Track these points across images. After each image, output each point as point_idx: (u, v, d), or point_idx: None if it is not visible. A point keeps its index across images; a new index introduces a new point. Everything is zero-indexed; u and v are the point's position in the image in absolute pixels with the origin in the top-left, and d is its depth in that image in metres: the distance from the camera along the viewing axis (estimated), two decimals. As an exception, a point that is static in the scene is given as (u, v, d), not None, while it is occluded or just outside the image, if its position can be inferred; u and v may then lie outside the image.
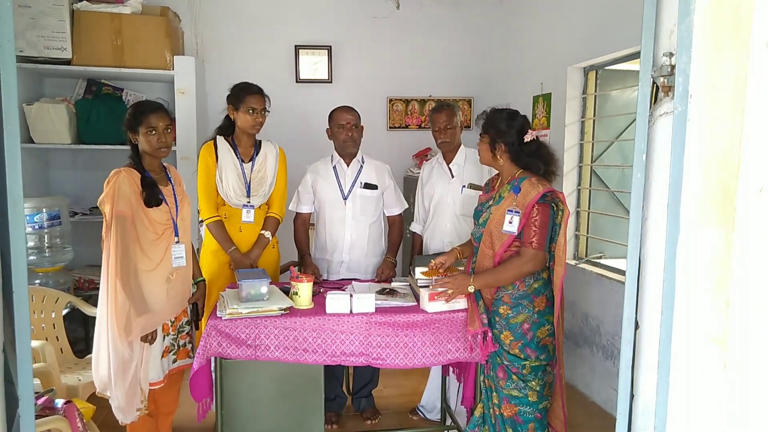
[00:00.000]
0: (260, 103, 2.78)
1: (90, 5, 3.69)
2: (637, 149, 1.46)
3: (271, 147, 2.96)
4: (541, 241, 2.21)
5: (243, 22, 4.39)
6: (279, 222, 2.96)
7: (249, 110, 2.75)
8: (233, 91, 2.82)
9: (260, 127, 2.82)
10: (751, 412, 1.22)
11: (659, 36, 1.42)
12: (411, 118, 4.74)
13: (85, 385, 2.64)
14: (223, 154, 2.83)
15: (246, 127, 2.79)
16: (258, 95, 2.79)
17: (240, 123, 2.80)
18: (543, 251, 2.24)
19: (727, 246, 1.22)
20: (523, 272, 2.23)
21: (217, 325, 2.24)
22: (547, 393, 2.32)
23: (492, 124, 2.33)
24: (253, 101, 2.76)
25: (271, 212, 2.94)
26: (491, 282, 2.29)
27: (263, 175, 2.89)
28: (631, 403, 1.53)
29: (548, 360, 2.30)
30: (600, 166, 3.74)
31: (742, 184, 1.18)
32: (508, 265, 2.24)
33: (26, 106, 3.69)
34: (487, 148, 2.35)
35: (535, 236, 2.21)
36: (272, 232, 2.91)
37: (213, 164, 2.81)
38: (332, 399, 3.09)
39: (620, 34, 3.18)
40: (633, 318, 1.50)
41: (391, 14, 4.58)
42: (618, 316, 3.22)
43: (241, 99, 2.76)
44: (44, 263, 3.53)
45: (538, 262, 2.23)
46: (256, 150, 2.91)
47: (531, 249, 2.21)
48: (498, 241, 2.27)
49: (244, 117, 2.77)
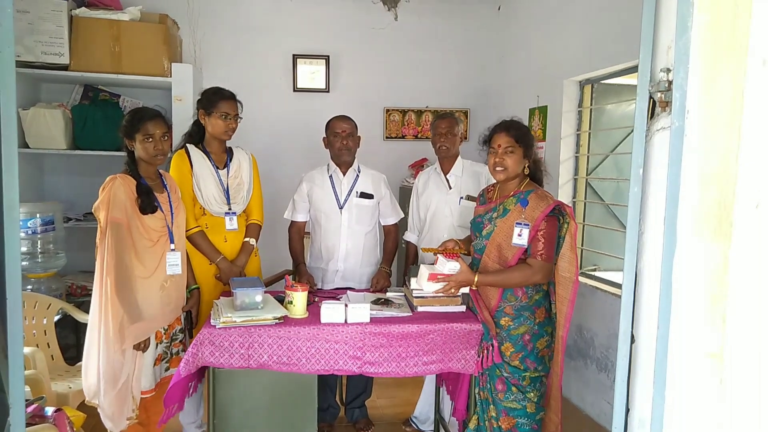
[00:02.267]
0: (233, 109, 2.73)
1: (88, 11, 3.69)
2: (635, 164, 1.47)
3: (243, 153, 2.92)
4: (549, 254, 2.24)
5: (241, 30, 4.40)
6: (260, 228, 2.95)
7: (222, 116, 2.70)
8: (205, 95, 2.75)
9: (232, 133, 2.77)
10: (747, 428, 1.22)
11: (657, 51, 1.43)
12: (407, 129, 4.76)
13: (76, 392, 2.61)
14: (197, 162, 2.75)
15: (218, 133, 2.73)
16: (231, 100, 2.74)
17: (211, 129, 2.73)
18: (551, 263, 2.26)
19: (724, 260, 1.22)
20: (529, 281, 2.25)
21: (210, 334, 2.23)
22: (542, 404, 2.33)
23: (526, 137, 2.32)
24: (225, 106, 2.70)
25: (253, 219, 2.91)
26: (497, 282, 2.29)
27: (240, 182, 2.85)
28: (627, 417, 1.52)
29: (546, 371, 2.32)
30: (595, 179, 3.76)
31: (739, 198, 1.19)
32: (516, 272, 2.25)
33: (22, 110, 3.67)
34: (519, 160, 2.30)
35: (544, 248, 2.23)
36: (255, 239, 2.89)
37: (188, 173, 2.71)
38: (325, 409, 3.07)
39: (616, 49, 3.20)
40: (629, 332, 1.50)
41: (389, 25, 4.61)
42: (612, 329, 3.22)
43: (213, 104, 2.70)
44: (37, 269, 3.50)
45: (546, 274, 2.26)
46: (229, 156, 2.86)
47: (540, 261, 2.23)
48: (508, 253, 2.29)
49: (216, 122, 2.71)
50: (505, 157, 2.29)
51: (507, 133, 2.30)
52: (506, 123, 2.36)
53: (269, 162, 4.40)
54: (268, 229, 3.67)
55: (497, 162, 2.30)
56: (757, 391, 1.20)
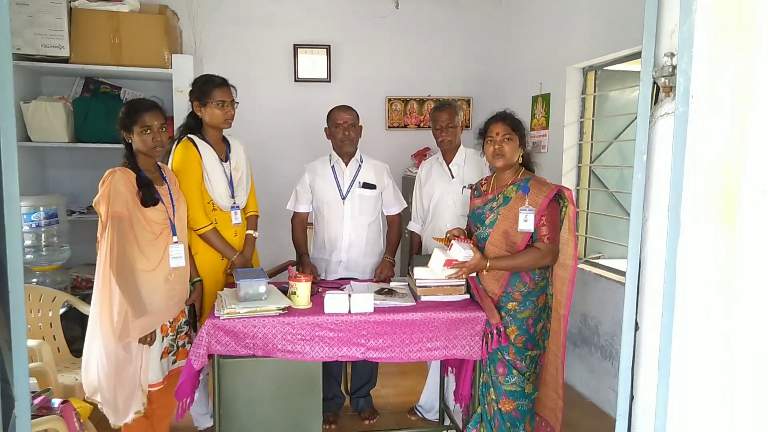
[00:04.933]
0: (228, 95, 2.64)
1: (88, 3, 3.67)
2: (638, 150, 1.45)
3: (238, 143, 2.85)
4: (554, 237, 2.35)
5: (241, 20, 4.38)
6: (257, 218, 2.94)
7: (218, 104, 2.60)
8: (196, 86, 2.66)
9: (232, 121, 2.68)
10: (751, 416, 1.22)
11: (660, 36, 1.41)
12: (410, 118, 4.74)
13: (82, 384, 2.63)
14: (206, 153, 2.65)
15: (218, 122, 2.64)
16: (224, 87, 2.64)
17: (209, 119, 2.63)
18: (557, 245, 2.37)
19: (729, 247, 1.21)
20: (539, 264, 2.34)
21: (215, 325, 2.24)
22: (537, 384, 2.46)
23: (521, 126, 2.43)
24: (220, 94, 2.61)
25: (251, 210, 2.90)
26: (508, 266, 2.35)
27: (241, 174, 2.80)
28: (631, 404, 1.52)
29: (540, 350, 2.45)
30: (599, 167, 3.74)
31: (744, 185, 1.18)
32: (526, 256, 2.33)
33: (23, 104, 3.67)
34: (516, 147, 2.40)
35: (549, 232, 2.33)
36: (256, 230, 2.89)
37: (199, 165, 2.61)
38: (330, 399, 3.08)
39: (619, 35, 3.17)
40: (633, 319, 1.50)
41: (390, 14, 4.57)
42: (617, 317, 3.21)
43: (206, 93, 2.61)
44: (41, 262, 3.51)
45: (555, 256, 2.37)
46: (228, 147, 2.79)
47: (548, 244, 2.33)
48: (516, 238, 2.36)
49: (213, 112, 2.61)
50: (504, 144, 2.38)
51: (503, 122, 2.41)
52: (501, 113, 2.47)
53: (271, 153, 4.40)
54: (271, 220, 3.67)
55: (496, 150, 2.38)
56: (762, 379, 1.20)
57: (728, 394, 1.25)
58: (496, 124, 2.40)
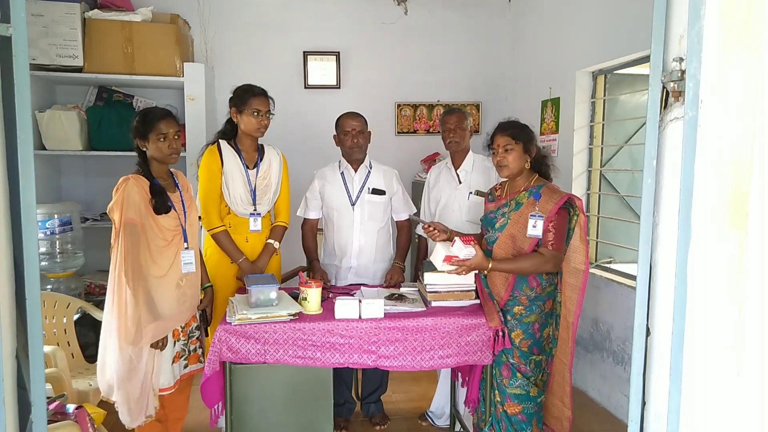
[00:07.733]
0: (265, 105, 2.74)
1: (101, 13, 3.73)
2: (648, 155, 1.45)
3: (274, 153, 2.93)
4: (559, 244, 2.35)
5: (252, 28, 4.42)
6: (286, 230, 2.96)
7: (254, 112, 2.71)
8: (236, 93, 2.76)
9: (265, 130, 2.78)
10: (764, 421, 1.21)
11: (669, 41, 1.41)
12: (419, 123, 4.75)
13: (96, 390, 2.64)
14: (228, 159, 2.76)
15: (251, 130, 2.74)
16: (262, 97, 2.74)
17: (244, 126, 2.75)
18: (561, 253, 2.37)
19: (740, 250, 1.21)
20: (540, 269, 2.36)
21: (227, 331, 2.25)
22: (543, 388, 2.45)
23: (524, 133, 2.44)
24: (257, 103, 2.71)
25: (279, 221, 2.93)
26: (509, 269, 2.37)
27: (268, 182, 2.86)
28: (643, 410, 1.51)
29: (546, 356, 2.45)
30: (609, 171, 3.72)
31: (755, 189, 1.18)
32: (529, 260, 2.35)
33: (38, 113, 3.73)
34: (520, 156, 2.42)
35: (554, 239, 2.34)
36: (279, 241, 2.91)
37: (218, 170, 2.73)
38: (341, 404, 3.08)
39: (629, 38, 3.16)
40: (644, 324, 1.49)
41: (399, 20, 4.59)
42: (629, 322, 3.19)
43: (244, 101, 2.71)
44: (56, 269, 3.56)
45: (557, 263, 2.37)
46: (260, 155, 2.87)
47: (552, 250, 2.34)
48: (523, 244, 2.37)
49: (248, 120, 2.72)
50: (505, 155, 2.41)
51: (504, 132, 2.44)
52: (503, 124, 2.50)
53: (282, 159, 4.42)
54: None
55: (499, 161, 2.45)
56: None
57: (740, 400, 1.24)
58: (497, 136, 2.45)
